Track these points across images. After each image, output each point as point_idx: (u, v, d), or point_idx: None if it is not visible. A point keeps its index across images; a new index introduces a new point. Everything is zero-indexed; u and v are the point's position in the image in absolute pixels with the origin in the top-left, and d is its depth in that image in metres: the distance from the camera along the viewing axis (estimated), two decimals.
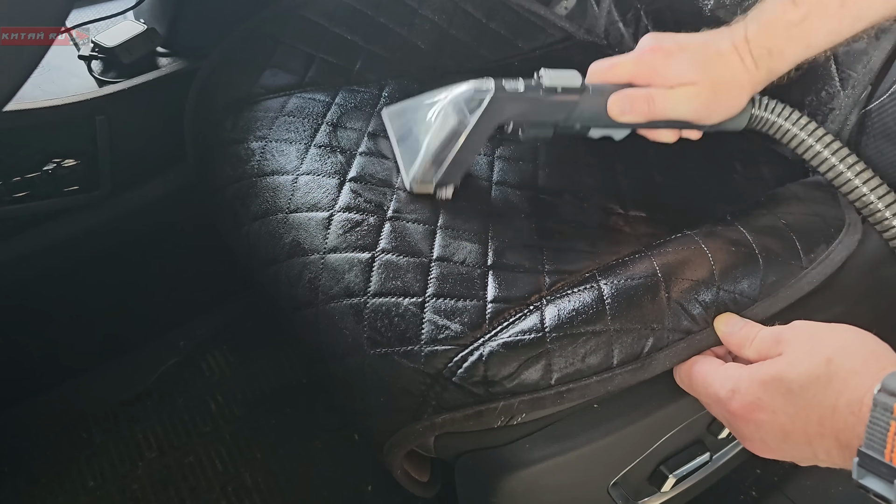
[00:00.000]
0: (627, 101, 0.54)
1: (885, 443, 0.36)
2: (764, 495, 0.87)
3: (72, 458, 0.91)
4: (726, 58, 0.53)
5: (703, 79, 0.53)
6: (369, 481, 0.91)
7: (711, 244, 0.55)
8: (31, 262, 0.81)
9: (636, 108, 0.54)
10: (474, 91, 0.55)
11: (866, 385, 0.38)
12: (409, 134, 0.62)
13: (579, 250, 0.56)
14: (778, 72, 0.54)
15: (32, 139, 0.74)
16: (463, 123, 0.55)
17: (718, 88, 0.53)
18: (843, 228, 0.58)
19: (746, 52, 0.52)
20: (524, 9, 0.84)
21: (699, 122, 0.56)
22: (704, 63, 0.53)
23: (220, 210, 0.66)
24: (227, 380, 1.01)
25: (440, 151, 0.56)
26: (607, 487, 0.56)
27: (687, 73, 0.53)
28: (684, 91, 0.53)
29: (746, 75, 0.53)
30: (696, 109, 0.54)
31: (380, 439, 0.51)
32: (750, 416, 0.44)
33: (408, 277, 0.53)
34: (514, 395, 0.47)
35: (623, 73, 0.55)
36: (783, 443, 0.43)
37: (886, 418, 0.36)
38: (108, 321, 0.95)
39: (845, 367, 0.40)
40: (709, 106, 0.54)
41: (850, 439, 0.39)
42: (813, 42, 0.52)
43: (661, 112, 0.54)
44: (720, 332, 0.50)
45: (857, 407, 0.38)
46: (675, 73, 0.53)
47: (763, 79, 0.54)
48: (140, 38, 0.80)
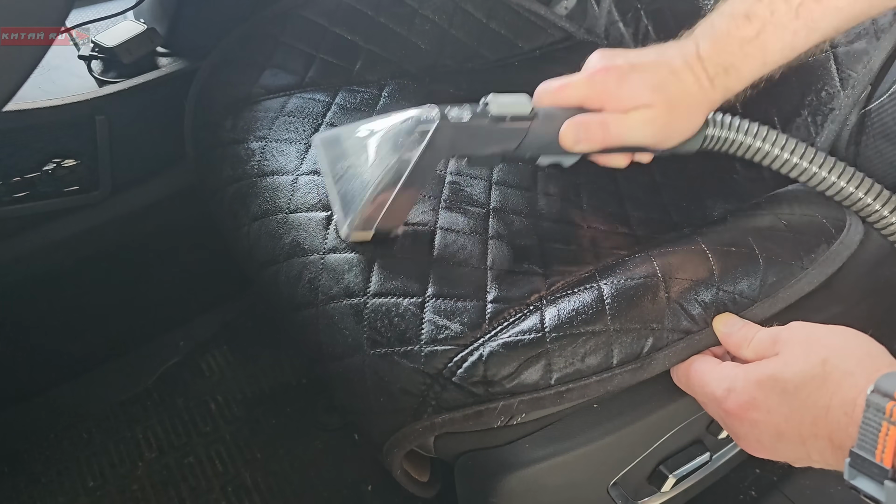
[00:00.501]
0: (582, 130, 0.51)
1: (877, 443, 0.36)
2: (763, 495, 0.87)
3: (72, 458, 0.91)
4: (680, 76, 0.50)
5: (658, 100, 0.50)
6: (369, 481, 0.91)
7: (711, 244, 0.55)
8: (31, 262, 0.81)
9: (591, 136, 0.51)
10: (416, 122, 0.50)
11: (860, 386, 0.39)
12: (343, 169, 0.55)
13: (579, 250, 0.56)
14: (734, 90, 0.51)
15: (32, 139, 0.74)
16: (404, 159, 0.49)
17: (674, 110, 0.51)
18: (844, 228, 0.58)
19: (701, 70, 0.50)
20: (524, 9, 0.84)
21: (656, 147, 0.53)
22: (659, 83, 0.50)
23: (220, 210, 0.66)
24: (227, 380, 1.01)
25: (379, 193, 0.50)
26: (607, 487, 0.56)
27: (641, 95, 0.50)
28: (640, 115, 0.50)
29: (702, 94, 0.51)
30: (653, 134, 0.51)
31: (379, 439, 0.51)
32: (745, 415, 0.44)
33: (408, 277, 0.53)
34: (514, 395, 0.47)
35: (573, 96, 0.52)
36: (777, 442, 0.43)
37: (878, 419, 0.36)
38: (109, 321, 0.95)
39: (840, 368, 0.40)
40: (665, 129, 0.51)
41: (843, 440, 0.39)
42: (769, 59, 0.50)
43: (617, 139, 0.51)
44: (719, 332, 0.50)
45: (851, 408, 0.38)
46: (629, 95, 0.50)
47: (719, 98, 0.51)
48: (140, 38, 0.80)
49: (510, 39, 0.83)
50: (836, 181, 0.55)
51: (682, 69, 0.50)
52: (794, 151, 0.55)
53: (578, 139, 0.51)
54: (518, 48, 0.83)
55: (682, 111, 0.51)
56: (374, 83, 0.73)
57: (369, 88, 0.72)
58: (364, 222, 0.52)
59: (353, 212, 0.52)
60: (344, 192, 0.53)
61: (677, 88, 0.50)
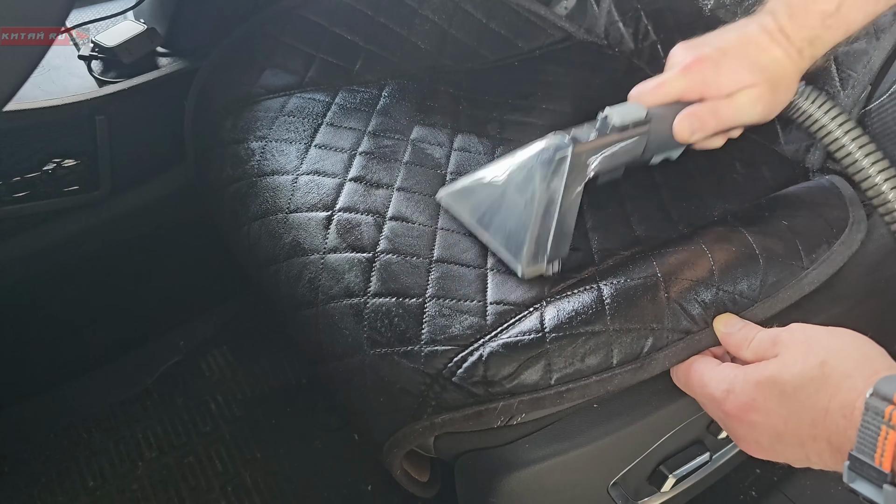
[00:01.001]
0: (696, 121, 0.53)
1: (876, 447, 0.36)
2: (763, 495, 0.87)
3: (72, 458, 0.91)
4: (770, 53, 0.53)
5: (759, 79, 0.52)
6: (369, 481, 0.91)
7: (712, 244, 0.55)
8: (31, 262, 0.81)
9: (705, 124, 0.53)
10: (552, 150, 0.51)
11: (859, 389, 0.39)
12: (490, 217, 0.55)
13: (579, 250, 0.56)
14: (819, 55, 0.54)
15: (32, 139, 0.74)
16: (553, 188, 0.51)
17: (776, 84, 0.53)
18: (845, 228, 0.58)
19: (788, 44, 0.52)
20: (524, 9, 0.84)
21: (764, 121, 0.55)
22: (754, 63, 0.52)
23: (220, 210, 0.66)
24: (227, 380, 1.01)
25: (539, 228, 0.51)
26: (607, 487, 0.56)
27: (743, 78, 0.52)
28: (746, 95, 0.52)
29: (793, 66, 0.53)
30: (762, 110, 0.54)
31: (379, 439, 0.51)
32: (744, 416, 0.44)
33: (408, 278, 0.53)
34: (514, 395, 0.47)
35: (672, 91, 0.54)
36: (776, 444, 0.43)
37: (877, 422, 0.36)
38: (109, 321, 0.95)
39: (839, 370, 0.40)
40: (772, 103, 0.54)
41: (842, 442, 0.39)
42: (852, 27, 0.52)
43: (729, 122, 0.54)
44: (719, 333, 0.50)
45: (849, 410, 0.38)
46: (730, 80, 0.52)
47: (807, 66, 0.54)
48: (140, 38, 0.80)
49: (510, 39, 0.83)
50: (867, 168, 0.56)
51: (769, 45, 0.53)
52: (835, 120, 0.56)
53: (694, 129, 0.53)
54: (518, 48, 0.83)
55: (782, 84, 0.54)
56: (374, 83, 0.73)
57: (369, 88, 0.72)
58: (534, 258, 0.52)
59: (522, 252, 0.52)
60: (503, 236, 0.54)
61: (772, 64, 0.53)
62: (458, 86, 0.76)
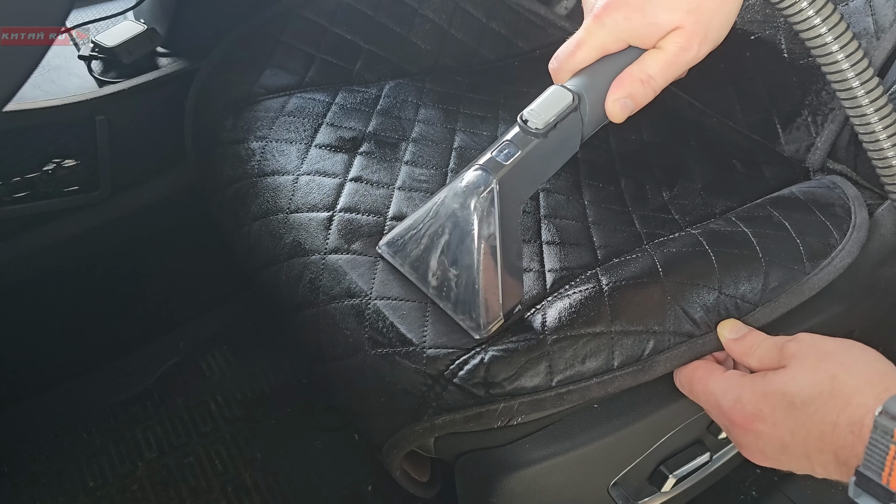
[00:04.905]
0: (629, 101, 0.46)
1: (884, 466, 0.36)
2: (764, 495, 0.87)
3: (72, 458, 0.91)
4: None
5: (685, 16, 0.43)
6: (369, 481, 0.91)
7: (714, 246, 0.54)
8: (31, 262, 0.81)
9: (638, 98, 0.46)
10: (472, 192, 0.44)
11: (868, 405, 0.38)
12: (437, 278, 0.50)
13: (580, 251, 0.56)
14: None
15: (32, 139, 0.74)
16: (487, 235, 0.45)
17: (705, 12, 0.44)
18: (847, 231, 0.58)
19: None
20: (524, 9, 0.84)
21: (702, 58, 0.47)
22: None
23: (220, 210, 0.66)
24: (227, 380, 1.01)
25: (485, 283, 0.46)
26: (607, 487, 0.56)
27: (666, 19, 0.43)
28: (674, 43, 0.44)
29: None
30: (696, 53, 0.45)
31: (379, 439, 0.51)
32: (750, 426, 0.44)
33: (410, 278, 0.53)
34: (515, 396, 0.47)
35: (592, 52, 0.46)
36: (781, 454, 0.43)
37: (886, 441, 0.36)
38: (109, 321, 0.95)
39: (849, 385, 0.40)
40: (704, 40, 0.45)
41: (849, 458, 0.39)
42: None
43: (665, 83, 0.46)
44: (723, 339, 0.50)
45: (858, 427, 0.38)
46: (654, 24, 0.44)
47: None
48: (140, 38, 0.80)
49: (510, 39, 0.83)
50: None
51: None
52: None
53: (629, 109, 0.46)
54: (518, 48, 0.83)
55: (714, 8, 0.44)
56: (374, 83, 0.73)
57: (369, 88, 0.72)
58: (490, 315, 0.48)
59: (475, 314, 0.48)
60: (453, 300, 0.49)
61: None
62: (458, 86, 0.76)
